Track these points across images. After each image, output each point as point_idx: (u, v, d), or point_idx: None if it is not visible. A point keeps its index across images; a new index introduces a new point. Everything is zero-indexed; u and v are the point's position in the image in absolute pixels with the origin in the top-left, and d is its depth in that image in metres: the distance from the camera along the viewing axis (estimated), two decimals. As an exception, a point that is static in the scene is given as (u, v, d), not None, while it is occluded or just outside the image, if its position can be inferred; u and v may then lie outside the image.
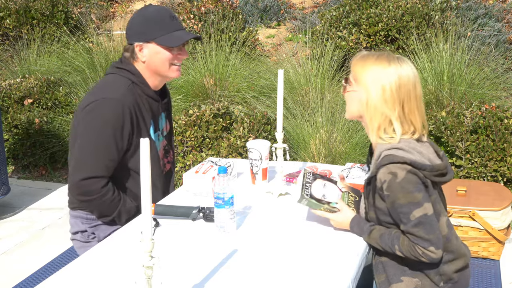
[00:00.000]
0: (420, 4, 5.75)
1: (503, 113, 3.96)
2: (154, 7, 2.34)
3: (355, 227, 1.96)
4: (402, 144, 1.81)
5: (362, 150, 4.30)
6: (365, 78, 1.85)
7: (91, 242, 2.36)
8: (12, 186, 4.36)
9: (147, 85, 2.33)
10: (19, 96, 5.27)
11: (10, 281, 3.04)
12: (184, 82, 5.75)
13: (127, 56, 2.32)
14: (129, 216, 2.31)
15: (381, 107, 1.83)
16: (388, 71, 1.83)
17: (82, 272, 1.82)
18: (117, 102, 2.21)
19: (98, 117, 2.21)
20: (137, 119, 2.27)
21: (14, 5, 7.07)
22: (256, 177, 2.45)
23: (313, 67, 5.43)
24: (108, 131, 2.20)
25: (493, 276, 2.82)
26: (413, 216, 1.75)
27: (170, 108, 2.61)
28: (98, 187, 2.22)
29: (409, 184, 1.75)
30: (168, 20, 2.29)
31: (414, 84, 1.85)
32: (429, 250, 1.76)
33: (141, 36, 2.27)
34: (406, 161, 1.76)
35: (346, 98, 1.94)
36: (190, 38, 2.32)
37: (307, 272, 1.76)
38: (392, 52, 2.04)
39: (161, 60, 2.28)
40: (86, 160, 2.22)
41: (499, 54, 5.50)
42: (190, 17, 6.58)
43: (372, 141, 1.91)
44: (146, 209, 1.38)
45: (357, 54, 1.94)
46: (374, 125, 1.85)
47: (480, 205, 3.11)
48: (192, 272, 1.77)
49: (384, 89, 1.82)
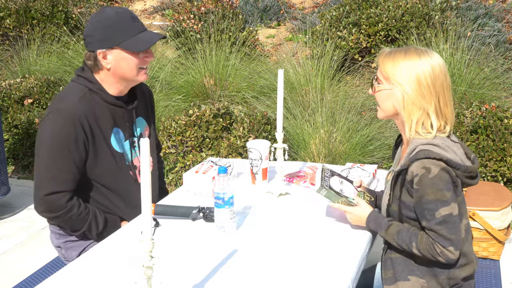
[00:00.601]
0: (420, 4, 5.75)
1: (503, 113, 3.95)
2: (111, 10, 2.19)
3: (372, 222, 1.94)
4: (438, 141, 1.81)
5: (362, 150, 4.30)
6: (398, 74, 1.83)
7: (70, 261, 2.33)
8: (12, 186, 4.35)
9: (106, 92, 2.22)
10: (19, 96, 5.27)
11: (10, 281, 3.03)
12: (184, 82, 5.75)
13: (90, 64, 2.20)
14: (100, 229, 2.25)
15: (419, 101, 1.81)
16: (421, 64, 1.82)
17: (82, 272, 1.82)
18: (67, 113, 2.13)
19: (50, 131, 2.14)
20: (91, 128, 2.17)
21: (14, 5, 7.06)
22: (256, 177, 2.45)
23: (313, 67, 5.43)
24: (61, 145, 2.13)
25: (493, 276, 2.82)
26: (439, 214, 1.74)
27: (151, 109, 2.49)
28: (63, 202, 2.16)
29: (441, 181, 1.74)
30: (130, 22, 2.16)
31: (445, 74, 1.84)
32: (448, 250, 1.75)
33: (104, 43, 2.14)
34: (442, 158, 1.75)
35: (378, 97, 1.91)
36: (157, 40, 2.20)
37: (307, 272, 1.76)
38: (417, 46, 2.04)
39: (128, 66, 2.17)
40: (45, 176, 2.16)
41: (499, 54, 5.50)
42: (190, 17, 6.58)
43: (408, 137, 1.88)
44: (146, 209, 1.38)
45: (382, 52, 1.91)
46: (413, 120, 1.83)
47: (480, 205, 3.11)
48: (192, 272, 1.77)
49: (420, 83, 1.81)
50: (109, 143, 2.24)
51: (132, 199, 2.29)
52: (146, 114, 2.44)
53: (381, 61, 1.88)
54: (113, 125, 2.25)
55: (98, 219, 2.26)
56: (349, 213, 2.01)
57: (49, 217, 2.23)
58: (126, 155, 2.31)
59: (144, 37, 2.18)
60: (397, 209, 1.88)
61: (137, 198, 2.32)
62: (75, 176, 2.18)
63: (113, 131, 2.25)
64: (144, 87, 2.47)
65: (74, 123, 2.13)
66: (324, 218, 2.12)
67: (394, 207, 1.90)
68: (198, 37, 6.34)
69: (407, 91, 1.82)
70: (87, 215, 2.22)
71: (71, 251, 2.31)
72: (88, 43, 2.19)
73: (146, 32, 2.20)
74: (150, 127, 2.46)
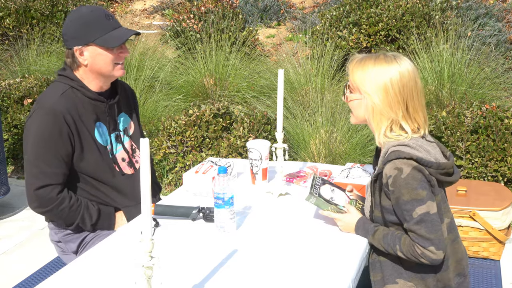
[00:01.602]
0: (421, 4, 5.75)
1: (504, 113, 3.95)
2: (87, 8, 2.28)
3: (360, 228, 1.95)
4: (409, 141, 1.82)
5: (362, 150, 4.30)
6: (367, 84, 1.85)
7: (69, 254, 2.38)
8: (11, 186, 4.35)
9: (87, 88, 2.30)
10: (19, 96, 5.27)
11: (10, 281, 3.03)
12: (184, 82, 5.75)
13: (69, 62, 2.30)
14: (94, 220, 2.31)
15: (386, 111, 1.83)
16: (389, 71, 1.83)
17: (82, 272, 1.82)
18: (49, 109, 2.21)
19: (35, 128, 2.22)
20: (74, 123, 2.24)
21: (14, 4, 7.06)
22: (256, 177, 2.44)
23: (313, 67, 5.43)
24: (46, 139, 2.20)
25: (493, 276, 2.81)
26: (416, 213, 1.75)
27: (134, 106, 2.56)
28: (54, 195, 2.22)
29: (414, 180, 1.75)
30: (104, 20, 2.25)
31: (415, 79, 1.85)
32: (429, 250, 1.74)
33: (79, 40, 2.23)
34: (412, 157, 1.76)
35: (350, 105, 1.94)
36: (130, 35, 2.28)
37: (307, 272, 1.75)
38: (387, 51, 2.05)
39: (104, 61, 2.25)
40: (33, 171, 2.23)
41: (500, 54, 5.50)
42: (190, 17, 6.58)
43: (380, 142, 1.90)
44: (146, 209, 1.38)
45: (353, 59, 1.92)
46: (382, 128, 1.85)
47: (481, 205, 3.11)
48: (192, 272, 1.76)
49: (387, 92, 1.82)
50: (94, 136, 2.31)
51: (121, 189, 2.38)
52: (129, 111, 2.51)
53: (352, 69, 1.90)
54: (96, 120, 2.33)
55: (91, 210, 2.31)
56: (339, 220, 2.01)
57: (42, 211, 2.28)
58: (109, 148, 2.38)
59: (117, 33, 2.26)
60: (380, 215, 1.89)
61: (125, 188, 2.39)
62: (63, 169, 2.25)
63: (96, 125, 2.33)
64: (125, 85, 2.55)
65: (57, 118, 2.20)
66: (324, 218, 2.12)
67: (377, 213, 1.91)
68: (198, 37, 6.34)
69: (375, 101, 1.84)
70: (79, 207, 2.28)
71: (70, 243, 2.36)
72: (65, 41, 2.28)
73: (120, 29, 2.29)
74: (134, 123, 2.52)
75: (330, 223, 2.07)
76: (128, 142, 2.45)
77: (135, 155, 2.49)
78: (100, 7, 2.34)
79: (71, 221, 2.29)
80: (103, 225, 2.33)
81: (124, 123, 2.45)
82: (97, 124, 2.33)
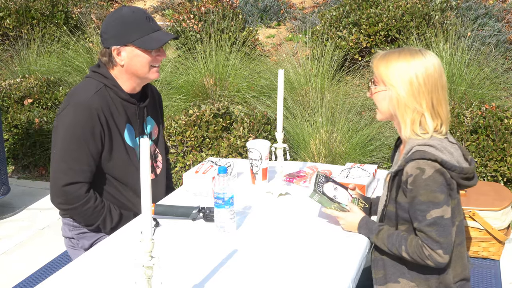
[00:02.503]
0: (420, 4, 5.75)
1: (503, 113, 3.95)
2: (128, 9, 2.28)
3: (363, 228, 1.95)
4: (435, 142, 1.80)
5: (362, 150, 4.30)
6: (391, 76, 1.84)
7: (79, 250, 2.37)
8: (12, 186, 4.35)
9: (120, 88, 2.29)
10: (19, 96, 5.27)
11: (10, 281, 3.03)
12: (184, 82, 5.75)
13: (105, 61, 2.28)
14: (114, 224, 2.30)
15: (411, 102, 1.82)
16: (413, 64, 1.82)
17: (82, 272, 1.82)
18: (84, 106, 2.19)
19: (67, 123, 2.20)
20: (107, 121, 2.24)
21: (14, 5, 7.06)
22: (256, 177, 2.45)
23: (313, 67, 5.43)
24: (78, 136, 2.18)
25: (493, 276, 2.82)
26: (430, 215, 1.74)
27: (159, 111, 2.56)
28: (81, 193, 2.21)
29: (434, 183, 1.74)
30: (145, 22, 2.24)
31: (440, 73, 1.84)
32: (437, 253, 1.75)
33: (118, 40, 2.23)
34: (437, 159, 1.75)
35: (375, 99, 1.93)
36: (169, 39, 2.28)
37: (307, 272, 1.76)
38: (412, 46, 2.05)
39: (140, 63, 2.25)
40: (62, 167, 2.20)
41: (499, 54, 5.50)
42: (190, 17, 6.58)
43: (405, 137, 1.88)
44: (146, 209, 1.38)
45: (376, 54, 1.92)
46: (407, 121, 1.84)
47: (480, 205, 3.11)
48: (192, 272, 1.77)
49: (412, 84, 1.81)
50: (123, 137, 2.31)
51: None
52: (155, 114, 2.50)
53: (376, 63, 1.90)
54: (126, 121, 2.32)
55: (113, 214, 2.30)
56: (341, 219, 2.01)
57: (66, 208, 2.26)
58: (137, 151, 2.36)
59: (157, 36, 2.25)
60: (394, 211, 1.88)
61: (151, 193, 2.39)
62: (91, 167, 2.23)
63: (126, 127, 2.32)
64: (153, 88, 2.54)
65: (91, 115, 2.19)
66: (324, 218, 2.12)
67: (390, 208, 1.90)
68: (198, 37, 6.34)
69: (399, 92, 1.83)
70: (102, 208, 2.27)
71: (83, 240, 2.35)
72: (103, 40, 2.27)
73: (160, 32, 2.28)
74: (158, 127, 2.52)
75: (330, 223, 2.07)
76: (151, 147, 2.45)
77: (157, 160, 2.49)
78: (142, 9, 2.33)
79: (93, 222, 2.28)
80: None
81: (150, 127, 2.45)
82: (127, 126, 2.32)
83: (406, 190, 1.80)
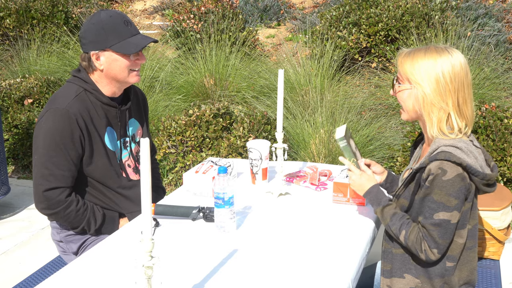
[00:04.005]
0: (420, 4, 5.75)
1: (503, 113, 3.96)
2: (106, 13, 2.26)
3: (372, 194, 1.95)
4: (461, 144, 1.78)
5: (362, 150, 4.30)
6: (417, 74, 1.81)
7: (70, 255, 2.39)
8: (12, 186, 4.36)
9: (100, 92, 2.29)
10: (19, 96, 5.27)
11: (10, 281, 3.03)
12: (184, 82, 5.76)
13: (84, 65, 2.29)
14: (98, 225, 2.32)
15: (437, 101, 1.80)
16: (441, 62, 1.80)
17: (82, 273, 1.82)
18: (62, 112, 2.20)
19: (46, 130, 2.21)
20: (86, 126, 2.24)
21: (14, 5, 7.07)
22: (256, 177, 2.45)
23: (313, 67, 5.44)
24: (57, 142, 2.19)
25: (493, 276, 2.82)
26: (437, 216, 1.74)
27: (144, 112, 2.55)
28: (62, 198, 2.22)
29: (452, 187, 1.73)
30: (123, 26, 2.24)
31: (466, 71, 1.82)
32: (432, 252, 1.77)
33: (96, 45, 2.23)
34: (462, 163, 1.73)
35: (399, 98, 1.90)
36: (147, 43, 2.27)
37: (307, 272, 1.76)
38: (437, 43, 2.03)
39: (119, 67, 2.25)
40: (42, 172, 2.21)
41: (499, 54, 5.50)
42: (190, 17, 6.58)
43: (431, 136, 1.86)
44: (146, 209, 1.38)
45: (401, 52, 1.89)
46: (434, 120, 1.82)
47: (480, 205, 3.10)
48: (192, 272, 1.77)
49: (438, 82, 1.79)
50: (104, 141, 2.31)
51: (127, 195, 2.39)
52: (139, 116, 2.51)
53: (400, 62, 1.87)
54: (107, 124, 2.32)
55: (97, 215, 2.32)
56: (354, 175, 2.01)
57: (49, 213, 2.28)
58: (117, 153, 2.37)
59: (135, 40, 2.25)
60: (407, 205, 1.87)
61: (130, 194, 2.39)
62: (72, 172, 2.25)
63: (106, 130, 2.32)
64: (137, 90, 2.54)
65: (70, 121, 2.20)
66: (324, 218, 2.12)
67: (403, 201, 1.88)
68: (198, 37, 6.35)
69: (425, 90, 1.80)
70: (85, 211, 2.29)
71: (71, 244, 2.37)
72: (82, 45, 2.28)
73: (138, 36, 2.28)
74: (143, 128, 2.52)
75: (329, 223, 2.08)
76: (135, 148, 2.45)
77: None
78: (120, 13, 2.32)
79: (77, 225, 2.30)
80: (106, 230, 2.33)
81: (133, 129, 2.45)
82: (108, 129, 2.32)
83: (422, 187, 1.79)
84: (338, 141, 2.03)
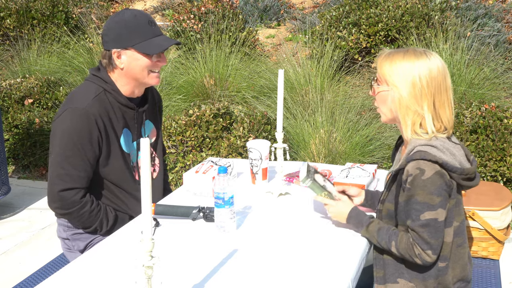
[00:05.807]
0: (420, 4, 5.75)
1: (503, 113, 3.96)
2: (131, 12, 2.25)
3: (353, 219, 1.95)
4: (437, 142, 1.79)
5: (362, 150, 4.31)
6: (395, 76, 1.82)
7: (75, 252, 2.37)
8: (12, 186, 4.36)
9: (119, 93, 2.28)
10: (20, 96, 5.28)
11: (10, 281, 3.04)
12: (184, 82, 5.76)
13: (105, 63, 2.27)
14: (110, 226, 2.31)
15: (412, 104, 1.81)
16: (417, 65, 1.81)
17: (82, 272, 1.82)
18: (81, 112, 2.18)
19: (64, 129, 2.19)
20: (105, 127, 2.23)
21: (15, 5, 7.07)
22: (256, 177, 2.45)
23: (313, 67, 5.44)
24: (75, 142, 2.17)
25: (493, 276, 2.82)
26: (424, 216, 1.75)
27: (158, 115, 2.55)
28: (77, 199, 2.20)
29: (432, 185, 1.74)
30: (147, 26, 2.22)
31: (444, 75, 1.83)
32: (426, 253, 1.77)
33: (119, 43, 2.21)
34: (438, 161, 1.74)
35: (377, 99, 1.91)
36: (170, 45, 2.26)
37: (307, 272, 1.76)
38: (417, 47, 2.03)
39: (140, 67, 2.23)
40: (59, 172, 2.19)
41: (499, 54, 5.50)
42: (190, 17, 6.58)
43: (406, 138, 1.88)
44: (146, 209, 1.38)
45: (382, 53, 1.90)
46: (408, 122, 1.83)
47: (480, 205, 3.11)
48: (192, 272, 1.77)
49: (415, 85, 1.80)
50: (120, 143, 2.30)
51: (139, 198, 2.34)
52: (154, 118, 2.50)
53: (379, 63, 1.88)
54: (124, 126, 2.31)
55: (109, 216, 2.31)
56: (331, 207, 2.01)
57: (62, 213, 2.26)
58: (132, 155, 2.36)
59: (158, 41, 2.23)
60: (393, 208, 1.88)
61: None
62: (88, 173, 2.23)
63: (123, 132, 2.31)
64: (154, 91, 2.53)
65: (89, 121, 2.18)
66: (324, 218, 2.13)
67: (388, 205, 1.89)
68: (198, 37, 6.35)
69: (402, 93, 1.82)
70: (98, 212, 2.27)
71: (78, 242, 2.35)
72: (104, 42, 2.26)
73: (161, 37, 2.26)
74: (157, 130, 2.51)
75: (329, 223, 2.08)
76: None
77: (153, 163, 2.49)
78: (145, 13, 2.30)
79: (89, 225, 2.28)
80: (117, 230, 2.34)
81: (148, 131, 2.44)
82: (124, 131, 2.31)
83: (404, 189, 1.80)
84: (301, 182, 2.03)
